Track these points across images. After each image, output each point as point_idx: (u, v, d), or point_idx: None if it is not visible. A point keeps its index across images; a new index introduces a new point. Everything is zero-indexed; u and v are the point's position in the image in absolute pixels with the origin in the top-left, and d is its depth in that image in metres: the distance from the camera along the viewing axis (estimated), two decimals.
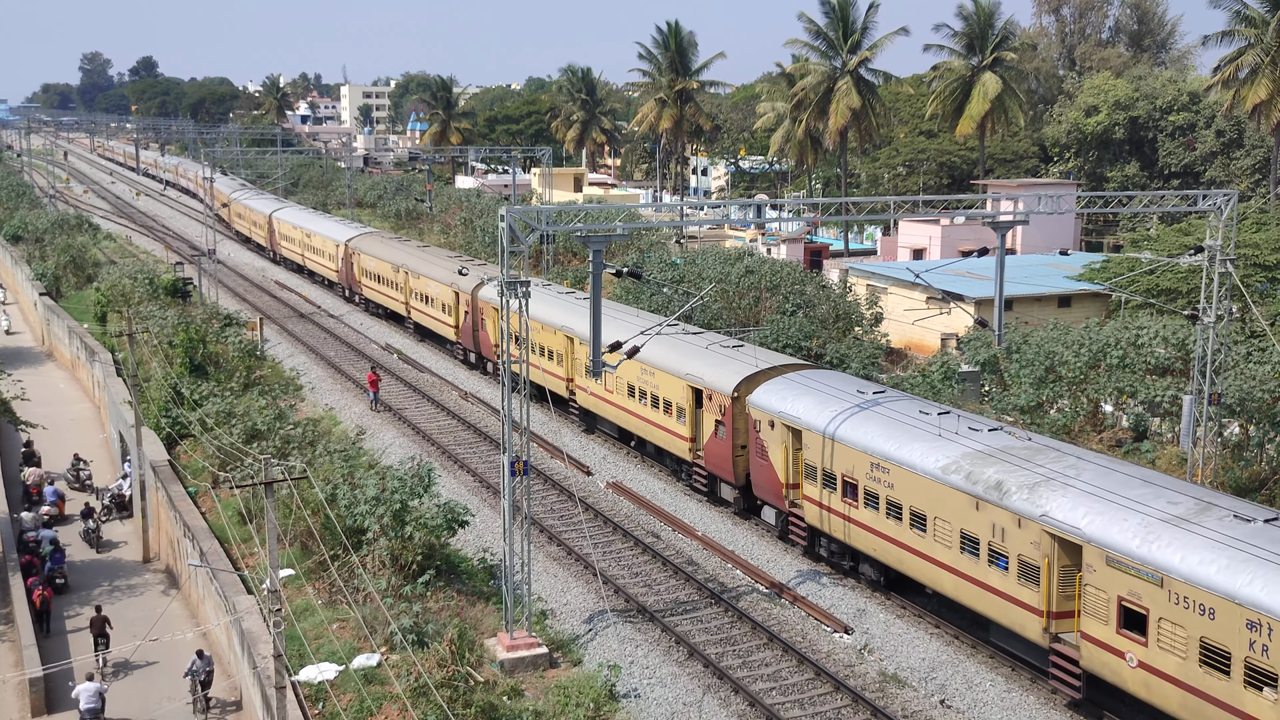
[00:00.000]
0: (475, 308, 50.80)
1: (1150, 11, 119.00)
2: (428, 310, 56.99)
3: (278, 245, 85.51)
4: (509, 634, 26.63)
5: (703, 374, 35.18)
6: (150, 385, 44.91)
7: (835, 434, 29.51)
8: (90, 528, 37.74)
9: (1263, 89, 64.03)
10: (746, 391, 33.24)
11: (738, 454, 33.66)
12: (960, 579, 25.86)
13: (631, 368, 37.14)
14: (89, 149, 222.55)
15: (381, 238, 69.03)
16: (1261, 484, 33.11)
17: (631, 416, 39.31)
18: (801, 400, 31.29)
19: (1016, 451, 26.15)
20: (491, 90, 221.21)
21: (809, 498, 30.75)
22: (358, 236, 69.44)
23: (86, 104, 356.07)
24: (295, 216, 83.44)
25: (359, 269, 66.84)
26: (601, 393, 40.86)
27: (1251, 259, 48.68)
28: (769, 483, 32.32)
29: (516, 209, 26.24)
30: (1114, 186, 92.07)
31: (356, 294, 68.44)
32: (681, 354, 36.69)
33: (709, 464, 35.25)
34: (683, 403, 35.88)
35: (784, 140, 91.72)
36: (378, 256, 63.64)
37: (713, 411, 34.39)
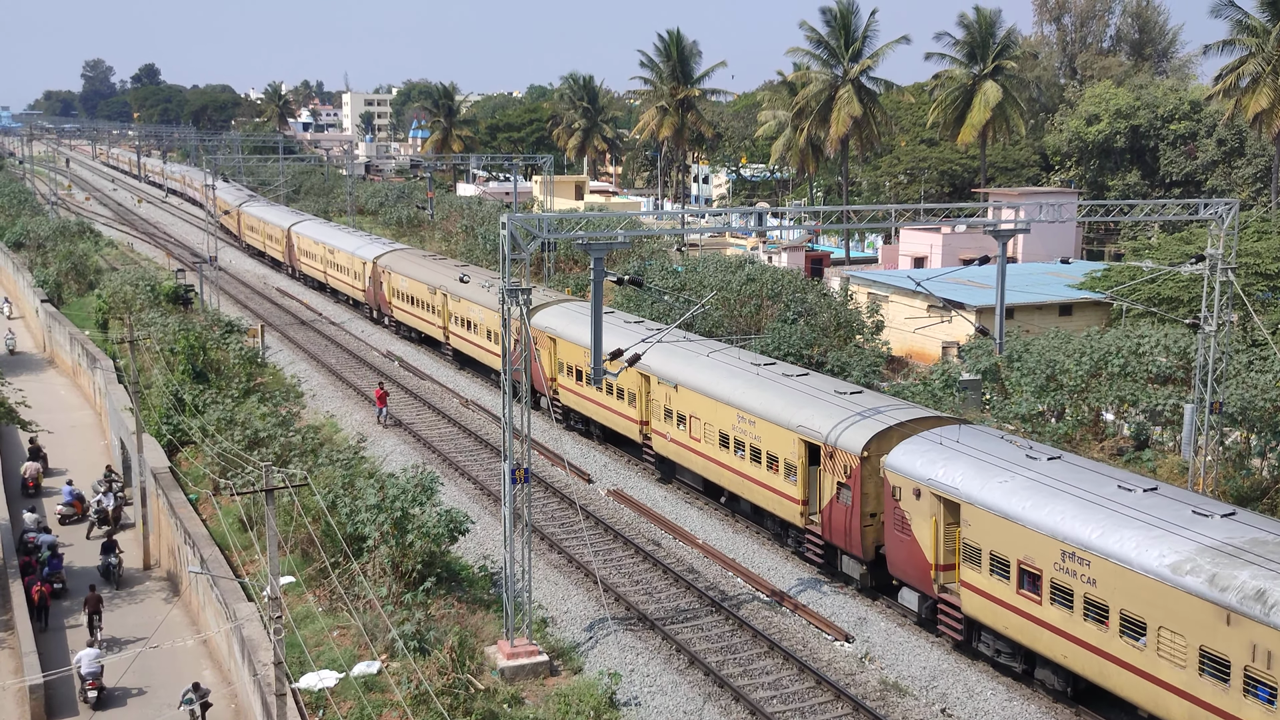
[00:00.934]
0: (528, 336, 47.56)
1: (1151, 20, 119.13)
2: (469, 337, 52.49)
3: (297, 261, 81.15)
4: (509, 641, 26.60)
5: (820, 427, 30.36)
6: (151, 392, 44.94)
7: (1008, 511, 24.60)
8: (112, 563, 35.33)
9: (1264, 98, 64.08)
10: (879, 451, 28.59)
11: (866, 523, 28.90)
12: (1199, 708, 20.99)
13: (725, 413, 33.61)
14: (91, 156, 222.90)
15: (415, 256, 64.32)
16: (1263, 493, 33.08)
17: (724, 470, 34.27)
18: (956, 465, 26.48)
19: (1272, 550, 21.18)
20: (493, 98, 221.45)
21: (969, 584, 25.82)
22: (388, 254, 65.02)
23: (88, 111, 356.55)
24: (317, 231, 78.66)
25: (389, 289, 62.58)
26: (685, 440, 36.04)
27: (1253, 268, 48.68)
28: (911, 561, 27.42)
29: (518, 216, 26.27)
30: (1115, 195, 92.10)
31: (386, 316, 64.02)
32: (789, 401, 32.06)
33: (827, 532, 30.35)
34: (793, 459, 31.05)
35: (785, 148, 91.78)
36: (412, 277, 59.25)
37: (834, 472, 29.60)
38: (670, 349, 37.83)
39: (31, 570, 34.03)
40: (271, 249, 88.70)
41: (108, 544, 35.98)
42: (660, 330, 40.00)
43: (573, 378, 42.95)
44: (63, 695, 28.23)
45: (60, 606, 33.57)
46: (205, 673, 29.57)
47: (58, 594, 33.87)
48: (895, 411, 30.24)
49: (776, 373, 34.51)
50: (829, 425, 30.17)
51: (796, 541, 32.13)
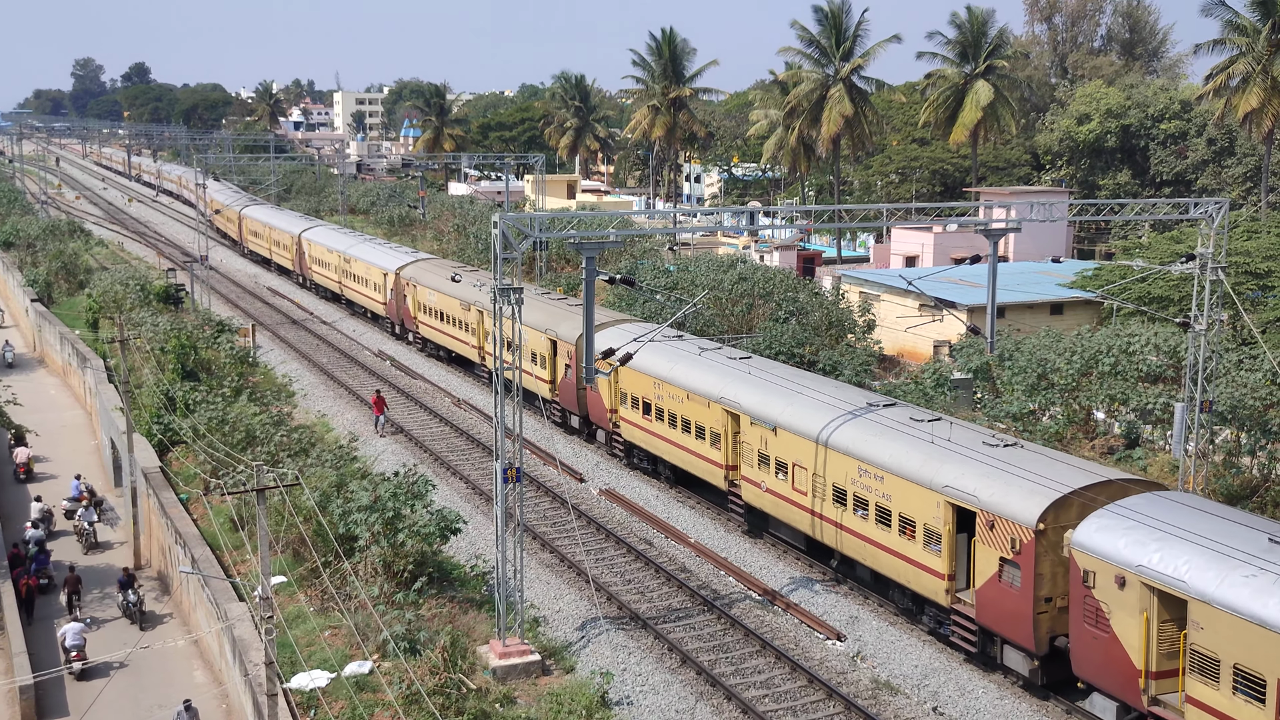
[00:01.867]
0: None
1: (1142, 20, 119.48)
2: None
3: (309, 270, 76.11)
4: (501, 641, 26.58)
5: (974, 489, 25.33)
6: (142, 392, 44.83)
7: (1265, 616, 19.63)
8: (132, 601, 32.50)
9: (1254, 97, 64.27)
10: (1058, 523, 23.84)
11: (1040, 609, 24.02)
12: None
13: (841, 464, 28.81)
14: (81, 155, 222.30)
15: (446, 267, 58.57)
16: (1253, 491, 33.18)
17: (839, 530, 29.31)
18: (1175, 550, 21.55)
19: None
20: (485, 97, 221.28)
21: (1200, 702, 20.91)
22: (412, 264, 60.23)
23: (78, 110, 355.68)
24: (331, 238, 73.48)
25: (415, 303, 57.93)
26: (786, 492, 31.05)
27: (1243, 267, 48.81)
28: (1109, 664, 22.68)
29: (510, 216, 26.26)
30: (1106, 194, 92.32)
31: (410, 331, 59.47)
32: (929, 455, 26.88)
33: (984, 615, 25.35)
34: (936, 524, 26.17)
35: (777, 147, 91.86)
36: (442, 291, 54.46)
37: (995, 544, 24.75)
38: (766, 383, 33.14)
39: (19, 563, 34.40)
40: (279, 256, 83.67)
41: (125, 579, 33.09)
42: (743, 359, 36.01)
43: (638, 410, 38.07)
44: (53, 696, 28.17)
45: (47, 601, 33.75)
46: (196, 673, 29.54)
47: (44, 589, 34.14)
48: (1067, 472, 25.15)
49: (903, 417, 29.43)
50: (985, 487, 25.18)
51: (936, 621, 27.19)
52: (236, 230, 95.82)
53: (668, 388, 36.21)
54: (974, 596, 25.66)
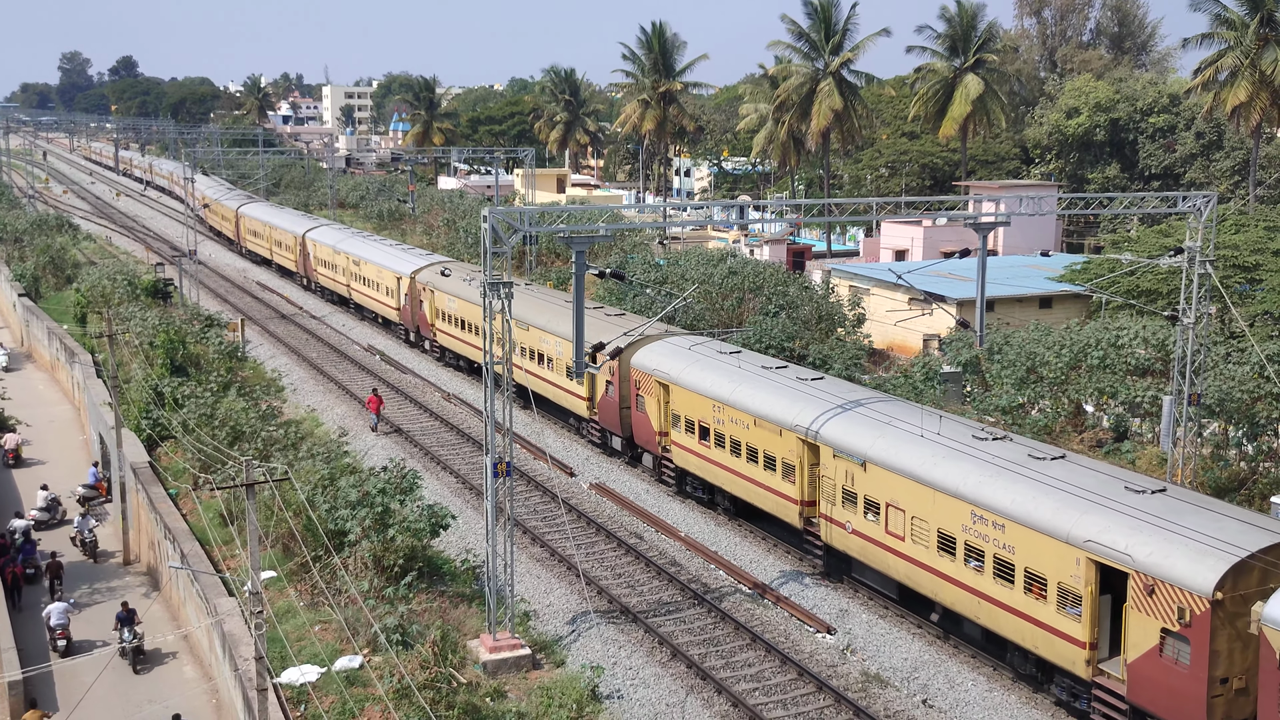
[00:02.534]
0: (625, 378, 38.42)
1: (1131, 14, 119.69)
2: (542, 373, 43.71)
3: (314, 272, 72.99)
4: (492, 635, 26.59)
5: (1125, 546, 21.87)
6: (130, 387, 44.68)
7: None
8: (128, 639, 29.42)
9: (1242, 91, 64.46)
10: (1237, 590, 20.36)
11: (1215, 693, 20.62)
12: None
13: (949, 508, 25.50)
14: (68, 149, 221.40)
15: (464, 270, 55.13)
16: (1241, 484, 33.31)
17: (944, 582, 25.98)
18: None
19: None
20: (474, 91, 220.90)
21: None
22: (428, 268, 57.02)
23: (65, 104, 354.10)
24: (339, 239, 69.93)
25: (433, 310, 54.50)
26: (878, 535, 27.69)
27: (1231, 260, 48.99)
28: None
29: (499, 210, 26.23)
30: (1095, 188, 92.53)
31: (427, 339, 56.59)
32: (1061, 503, 23.50)
33: (1138, 694, 21.84)
34: (1074, 583, 22.71)
35: (767, 141, 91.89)
36: (463, 297, 50.82)
37: (1154, 612, 21.30)
38: (847, 410, 30.01)
39: (5, 552, 34.53)
40: (281, 257, 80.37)
41: (125, 615, 30.17)
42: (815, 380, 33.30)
43: (693, 435, 34.95)
44: (43, 692, 28.09)
45: (33, 590, 33.83)
46: (186, 668, 29.49)
47: (30, 578, 34.26)
48: (1241, 529, 21.60)
49: (1019, 454, 25.99)
50: (1140, 544, 21.67)
51: (1071, 694, 23.84)
52: (234, 229, 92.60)
53: (730, 411, 32.95)
54: (1125, 672, 22.23)
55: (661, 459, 37.39)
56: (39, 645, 29.91)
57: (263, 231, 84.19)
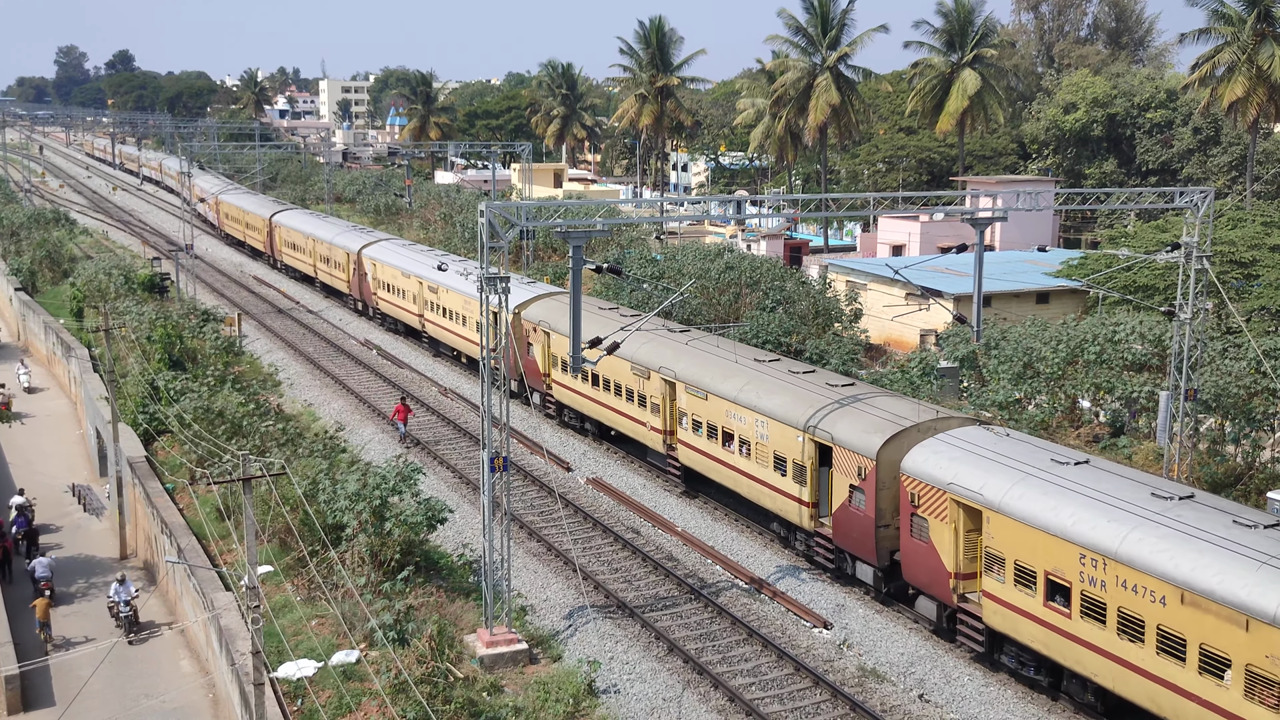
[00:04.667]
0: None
1: (1128, 9, 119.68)
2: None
3: (372, 295, 62.22)
4: (489, 630, 26.60)
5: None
6: (127, 381, 44.63)
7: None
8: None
9: (1239, 86, 64.48)
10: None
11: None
12: None
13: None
14: (65, 143, 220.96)
15: (604, 308, 44.35)
16: (1237, 479, 33.36)
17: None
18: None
19: None
20: (471, 85, 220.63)
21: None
22: (535, 302, 45.19)
23: (62, 98, 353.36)
24: (408, 261, 58.05)
25: (545, 355, 43.70)
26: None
27: (1227, 256, 49.02)
28: None
29: (496, 204, 26.19)
30: (1092, 183, 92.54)
31: (542, 395, 44.59)
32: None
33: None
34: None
35: (764, 136, 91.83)
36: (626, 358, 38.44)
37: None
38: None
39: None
40: (329, 275, 69.48)
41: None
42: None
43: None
44: (39, 687, 28.10)
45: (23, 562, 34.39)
46: (182, 662, 29.50)
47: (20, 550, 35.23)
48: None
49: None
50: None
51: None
52: (265, 240, 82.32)
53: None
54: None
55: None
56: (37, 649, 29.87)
57: (304, 245, 73.67)
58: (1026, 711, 24.26)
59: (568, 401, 42.66)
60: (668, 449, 36.66)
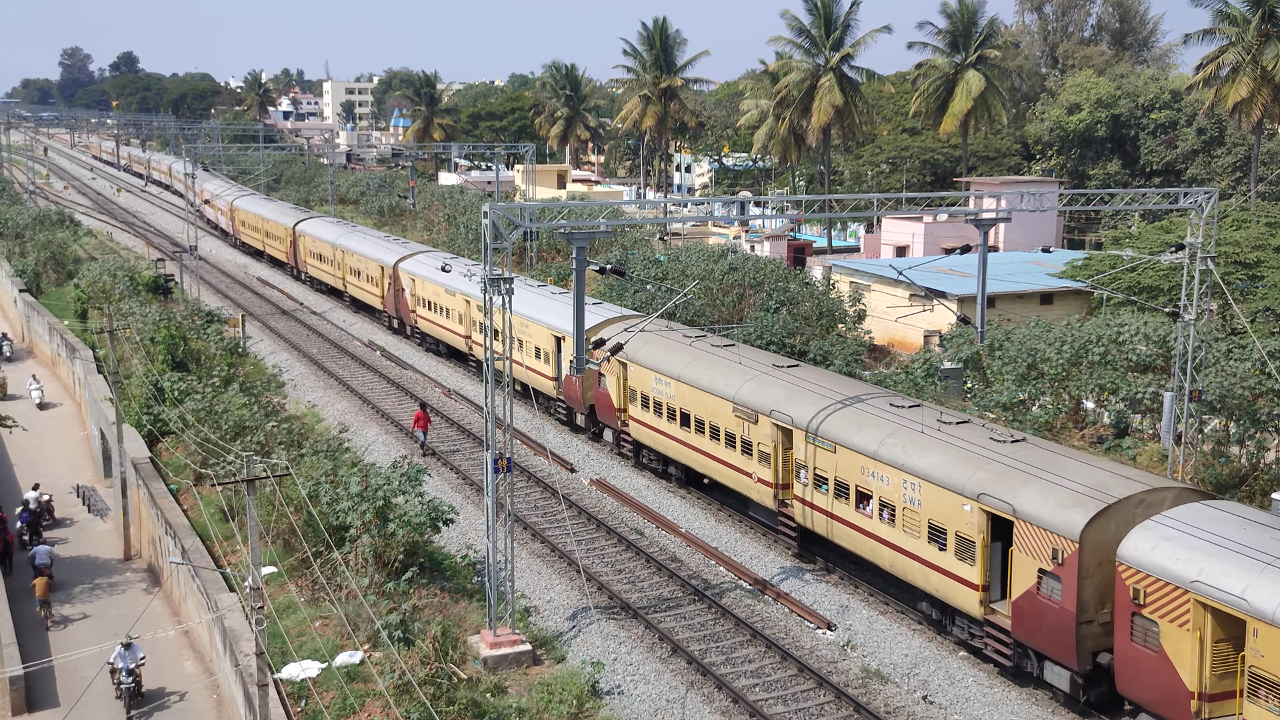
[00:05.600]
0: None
1: (1132, 9, 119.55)
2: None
3: (410, 314, 57.05)
4: (492, 631, 26.60)
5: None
6: (131, 382, 44.68)
7: None
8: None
9: (1243, 87, 64.39)
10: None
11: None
12: None
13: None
14: (69, 145, 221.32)
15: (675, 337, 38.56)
16: (1241, 480, 33.31)
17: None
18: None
19: None
20: (475, 86, 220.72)
21: None
22: (607, 326, 40.27)
23: (66, 100, 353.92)
24: (454, 278, 50.99)
25: (622, 388, 38.60)
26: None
27: (1232, 256, 48.95)
28: None
29: (500, 205, 26.20)
30: (1096, 184, 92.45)
31: (616, 432, 39.73)
32: None
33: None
34: None
35: (767, 137, 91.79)
36: (706, 388, 34.13)
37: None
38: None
39: None
40: (360, 290, 64.55)
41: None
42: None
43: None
44: (43, 687, 28.12)
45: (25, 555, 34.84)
46: (187, 663, 29.52)
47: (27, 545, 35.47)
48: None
49: None
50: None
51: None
52: (288, 251, 77.91)
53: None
54: None
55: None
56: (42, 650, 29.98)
57: (331, 256, 69.08)
58: (1031, 713, 24.23)
59: (648, 441, 37.53)
60: (779, 505, 31.39)
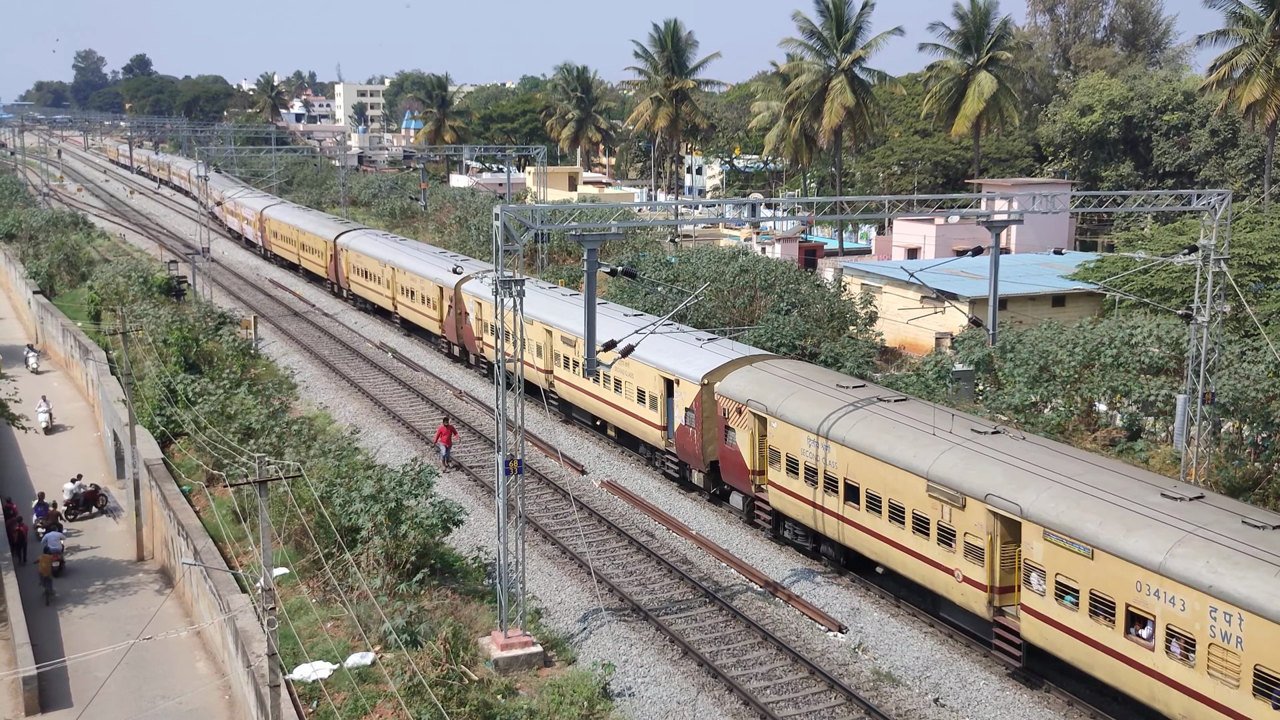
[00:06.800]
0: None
1: (1145, 11, 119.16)
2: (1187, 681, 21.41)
3: (475, 341, 50.53)
4: (503, 632, 26.61)
5: None
6: (144, 384, 44.84)
7: None
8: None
9: (1257, 88, 64.14)
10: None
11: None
12: None
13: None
14: (83, 147, 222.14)
15: None
16: (1255, 483, 33.16)
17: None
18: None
19: None
20: (486, 89, 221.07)
21: None
22: (733, 370, 33.99)
23: (80, 102, 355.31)
24: (531, 303, 39.90)
25: (757, 448, 32.43)
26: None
27: (1245, 258, 48.74)
28: None
29: (511, 208, 26.22)
30: (1108, 186, 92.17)
31: (749, 498, 33.60)
32: None
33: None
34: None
35: (778, 139, 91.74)
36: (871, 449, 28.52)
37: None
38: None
39: (11, 515, 36.11)
40: (415, 313, 58.07)
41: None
42: None
43: None
44: (56, 687, 28.23)
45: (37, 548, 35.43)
46: (199, 664, 29.60)
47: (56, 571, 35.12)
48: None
49: None
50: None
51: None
52: (329, 266, 72.04)
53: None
54: None
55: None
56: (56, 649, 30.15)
57: (380, 273, 62.67)
58: (1043, 716, 24.16)
59: (794, 514, 31.28)
60: (995, 612, 25.25)
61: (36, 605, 32.31)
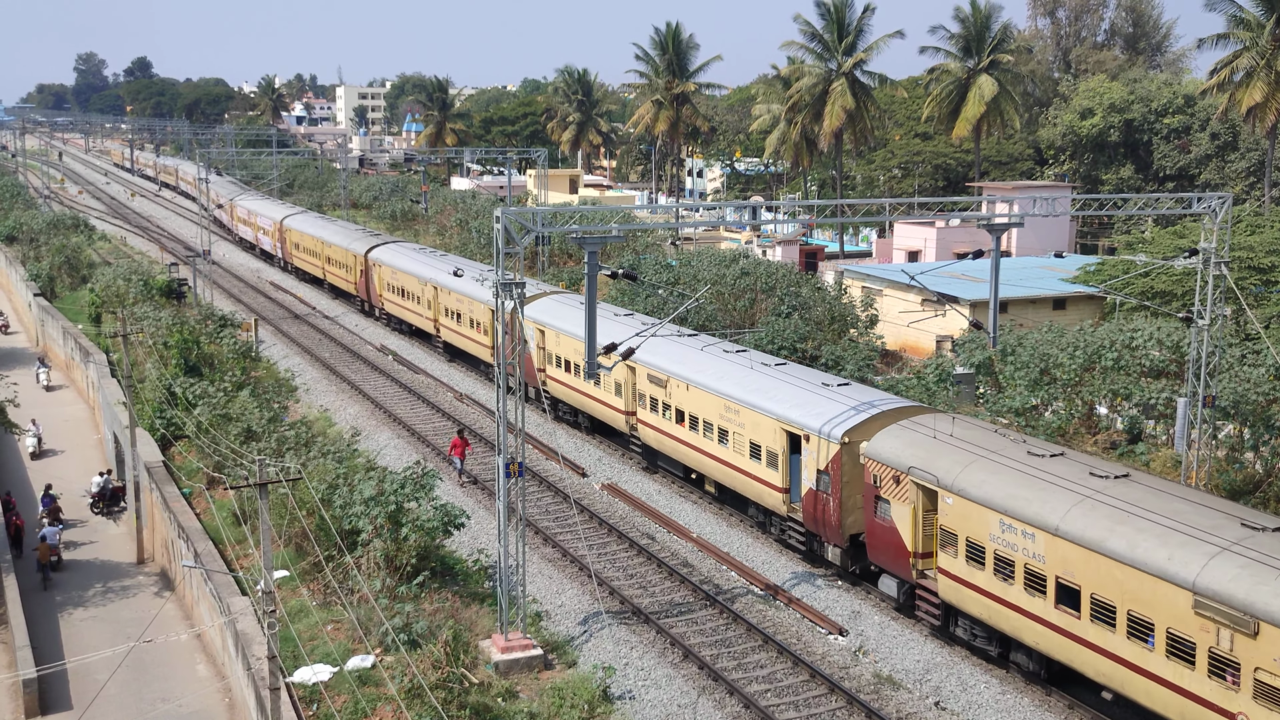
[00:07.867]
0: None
1: (1145, 14, 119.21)
2: None
3: (537, 373, 44.53)
4: (504, 635, 26.61)
5: None
6: (145, 386, 44.84)
7: None
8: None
9: (1258, 91, 64.16)
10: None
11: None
12: None
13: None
14: (84, 149, 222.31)
15: None
16: (1256, 486, 33.14)
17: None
18: None
19: None
20: (487, 91, 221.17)
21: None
22: (880, 427, 28.75)
23: (81, 104, 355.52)
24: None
25: (957, 536, 25.62)
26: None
27: (1246, 261, 48.75)
28: None
29: (512, 210, 26.24)
30: (1109, 189, 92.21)
31: (917, 590, 27.54)
32: None
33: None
34: None
35: (779, 142, 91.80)
36: None
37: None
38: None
39: (10, 509, 36.54)
40: (460, 337, 53.00)
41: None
42: None
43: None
44: (56, 690, 28.22)
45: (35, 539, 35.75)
46: (199, 667, 29.59)
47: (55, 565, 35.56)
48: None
49: None
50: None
51: None
52: (358, 282, 67.01)
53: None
54: None
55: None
56: (56, 652, 30.21)
57: (419, 292, 57.53)
58: (1043, 718, 24.14)
59: (974, 610, 25.62)
60: None
61: (34, 592, 33.02)
